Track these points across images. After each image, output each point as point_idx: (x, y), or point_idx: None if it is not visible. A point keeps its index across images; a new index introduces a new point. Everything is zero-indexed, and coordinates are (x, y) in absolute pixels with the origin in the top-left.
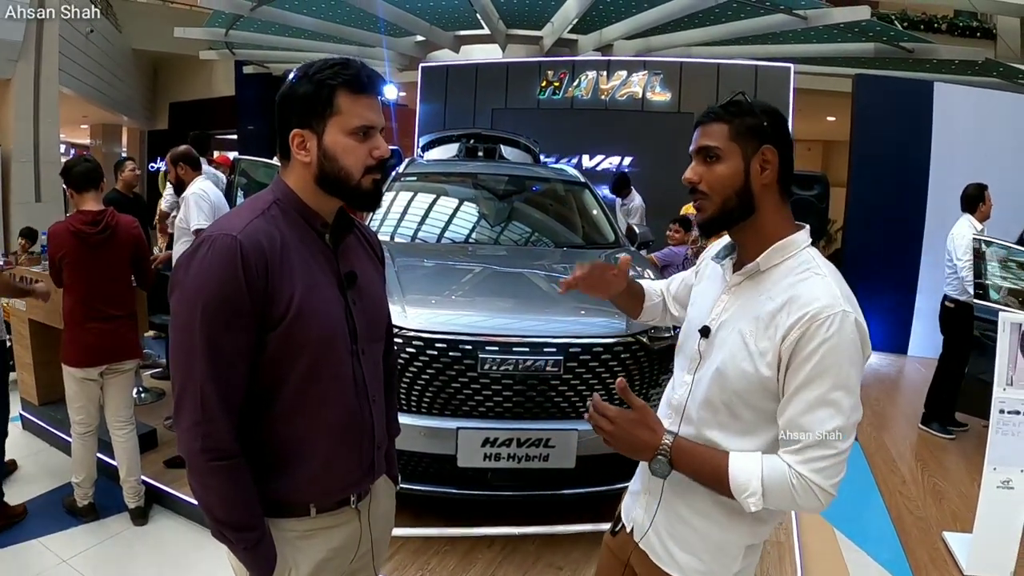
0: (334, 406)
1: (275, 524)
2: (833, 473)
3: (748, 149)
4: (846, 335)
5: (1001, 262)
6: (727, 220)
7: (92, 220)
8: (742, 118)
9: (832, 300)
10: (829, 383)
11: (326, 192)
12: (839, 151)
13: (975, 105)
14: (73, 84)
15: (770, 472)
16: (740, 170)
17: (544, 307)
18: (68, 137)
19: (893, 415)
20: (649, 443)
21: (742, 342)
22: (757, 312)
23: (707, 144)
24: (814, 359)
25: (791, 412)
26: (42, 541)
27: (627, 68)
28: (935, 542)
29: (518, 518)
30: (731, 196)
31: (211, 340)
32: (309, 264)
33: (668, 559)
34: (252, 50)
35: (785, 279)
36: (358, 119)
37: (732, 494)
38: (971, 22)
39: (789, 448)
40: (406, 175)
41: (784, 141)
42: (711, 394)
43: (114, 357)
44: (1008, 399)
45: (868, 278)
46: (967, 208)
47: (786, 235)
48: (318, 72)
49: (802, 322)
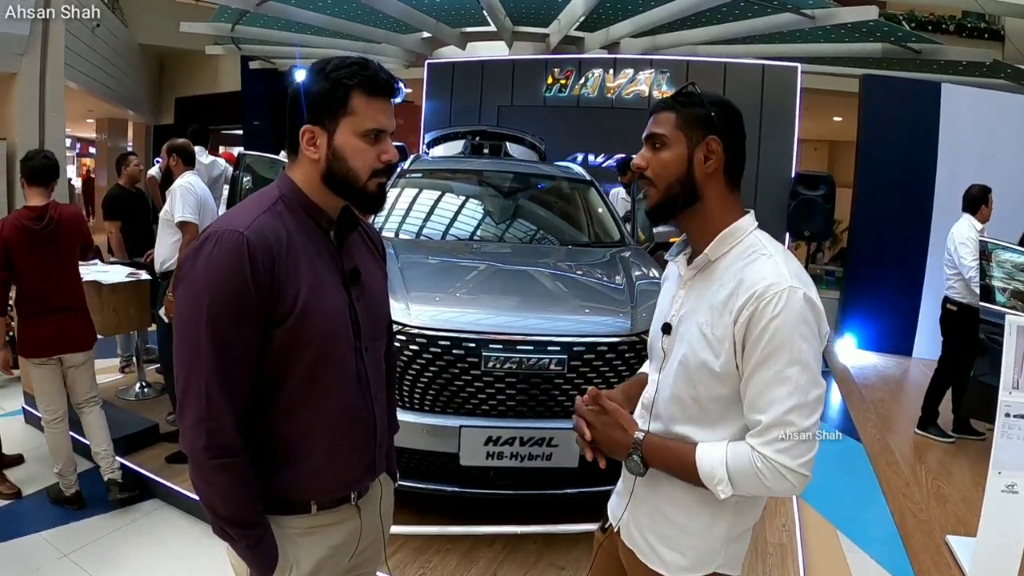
0: (337, 403)
1: (276, 521)
2: (799, 452)
3: (693, 138)
4: (794, 310)
5: (1006, 264)
6: (671, 207)
7: (37, 215)
8: (690, 108)
9: (778, 278)
10: (783, 360)
11: (332, 191)
12: (845, 151)
13: (982, 107)
14: (79, 78)
15: (734, 457)
16: (684, 158)
17: (548, 305)
18: (74, 131)
19: (897, 417)
20: (622, 442)
21: (700, 333)
22: (711, 302)
23: (654, 131)
24: (765, 337)
25: (750, 394)
26: (43, 535)
27: (634, 66)
28: (939, 545)
29: (520, 517)
30: (674, 183)
31: (217, 336)
32: (314, 261)
33: (652, 555)
34: (258, 45)
35: (734, 265)
36: (371, 122)
37: (703, 483)
38: (979, 23)
39: (752, 431)
40: (411, 172)
41: (733, 132)
42: (677, 389)
43: (68, 347)
44: (1014, 403)
45: (873, 279)
46: (969, 208)
47: (732, 223)
48: (335, 70)
49: (750, 302)
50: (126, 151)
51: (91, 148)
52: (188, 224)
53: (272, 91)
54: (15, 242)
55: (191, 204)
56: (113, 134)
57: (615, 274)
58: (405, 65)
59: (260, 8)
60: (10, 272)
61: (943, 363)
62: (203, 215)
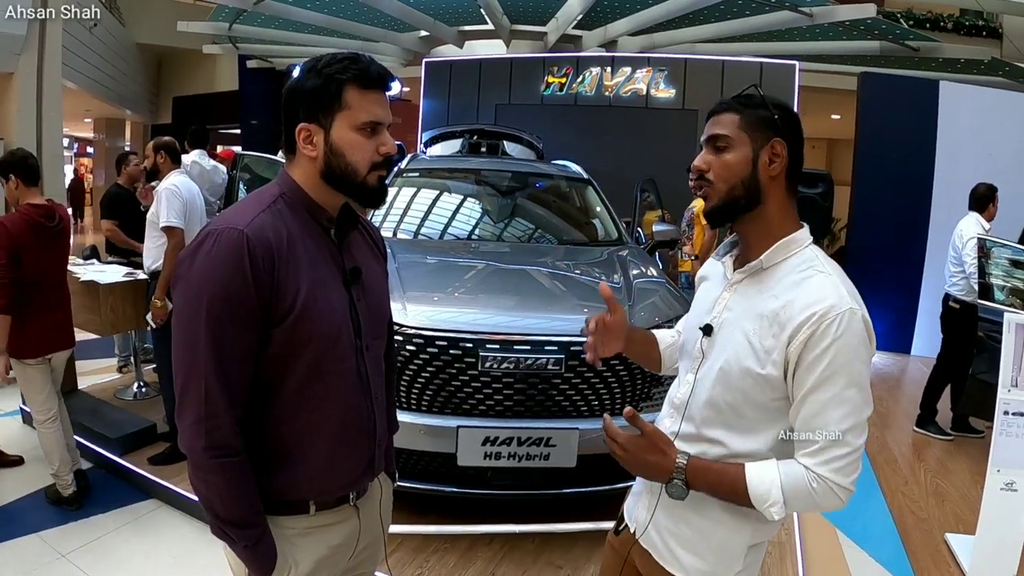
0: (337, 402)
1: (275, 522)
2: (851, 470)
3: (758, 140)
4: (855, 333)
5: (1006, 262)
6: (733, 209)
7: (46, 213)
8: (754, 109)
9: (839, 299)
10: (842, 382)
11: (332, 187)
12: (844, 149)
13: (980, 104)
14: (76, 78)
15: (789, 479)
16: (748, 160)
17: (546, 305)
18: (71, 131)
19: (896, 415)
20: (662, 466)
21: (746, 341)
22: (761, 310)
23: (717, 132)
24: (825, 359)
25: (805, 413)
26: (41, 535)
27: (631, 64)
28: (937, 543)
29: (518, 516)
30: (737, 185)
31: (216, 336)
32: (315, 259)
33: (671, 558)
34: (256, 45)
35: (788, 277)
36: (366, 115)
37: (753, 505)
38: (977, 21)
39: (805, 450)
40: (409, 171)
41: (795, 137)
42: (715, 394)
43: (61, 345)
44: (1013, 400)
45: (872, 277)
46: (975, 207)
47: (791, 232)
48: (327, 66)
49: (811, 322)
50: (126, 151)
51: (89, 148)
52: (173, 230)
53: (270, 90)
54: (25, 238)
55: (176, 208)
56: (111, 134)
57: (613, 273)
58: (403, 64)
59: (257, 7)
60: (18, 269)
61: (942, 360)
62: (190, 217)
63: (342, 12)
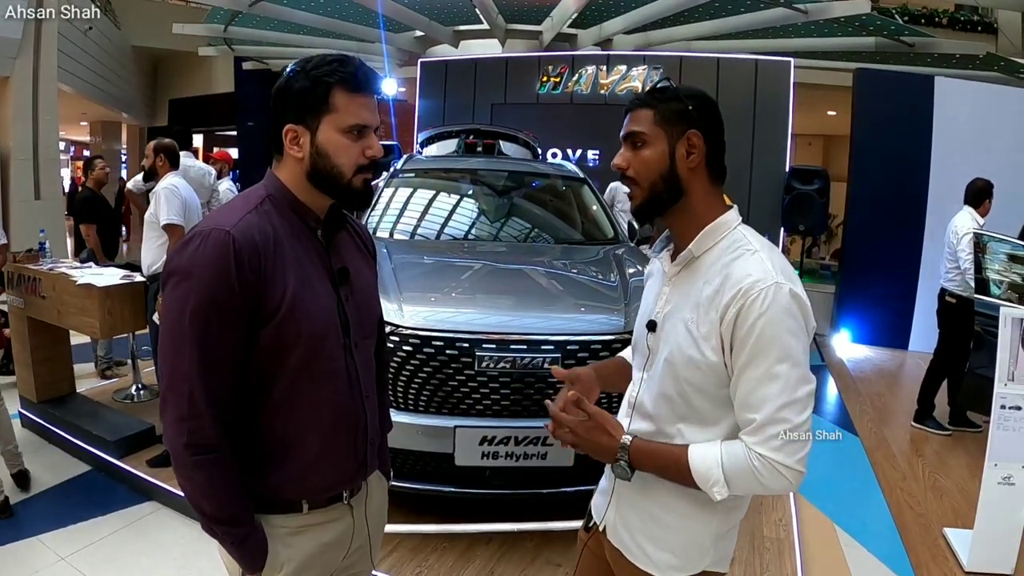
0: (327, 401)
1: (266, 520)
2: (794, 449)
3: (673, 133)
4: (781, 306)
5: (1003, 257)
6: (657, 205)
7: None
8: (667, 103)
9: (763, 274)
10: (772, 357)
11: (317, 189)
12: (840, 146)
13: (976, 99)
14: (72, 81)
15: (729, 458)
16: (665, 154)
17: (542, 304)
18: (67, 135)
19: (893, 410)
20: (608, 447)
21: (686, 330)
22: (697, 298)
23: (634, 130)
24: (753, 335)
25: (741, 392)
26: (40, 539)
27: (627, 62)
28: (936, 538)
29: (516, 515)
30: (658, 180)
31: (201, 336)
32: (302, 259)
33: (642, 555)
34: (251, 46)
35: (719, 260)
36: (353, 118)
37: (699, 486)
38: (972, 16)
39: (745, 430)
40: (404, 171)
41: (712, 125)
42: (664, 387)
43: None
44: (1009, 395)
45: (869, 273)
46: (971, 201)
47: (717, 217)
48: (315, 68)
49: (736, 299)
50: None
51: (85, 151)
52: (175, 227)
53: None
54: None
55: (176, 207)
56: (107, 137)
57: (609, 272)
58: (398, 64)
59: (253, 8)
60: None
61: (939, 355)
62: (188, 217)
63: (337, 13)
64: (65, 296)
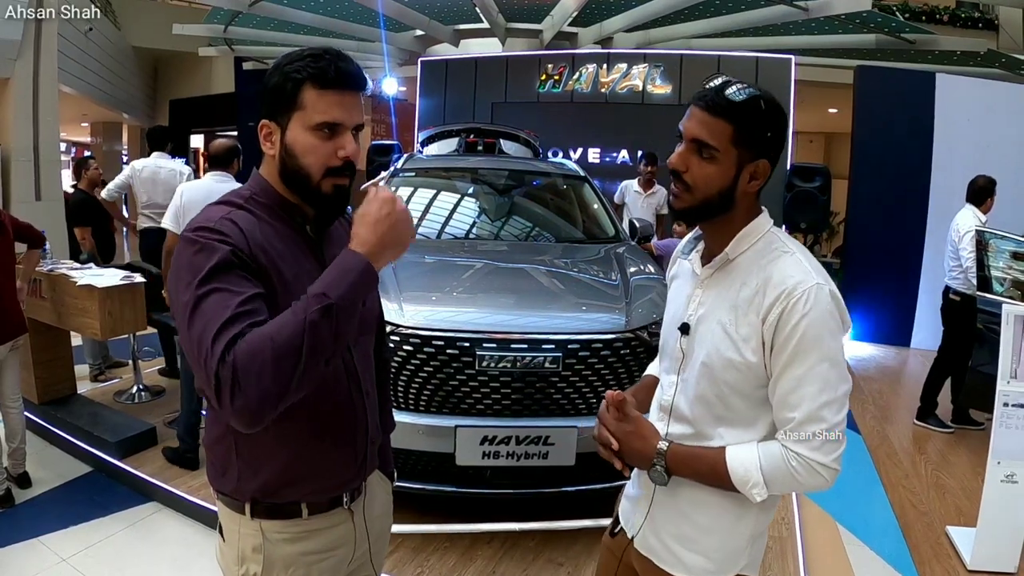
0: (326, 399)
1: (266, 527)
2: (831, 448)
3: (745, 156)
4: (823, 307)
5: (1006, 254)
6: (704, 214)
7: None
8: (750, 126)
9: (804, 275)
10: (814, 357)
11: (290, 189)
12: (841, 143)
13: (977, 96)
14: (73, 82)
15: (767, 458)
16: (731, 176)
17: (544, 303)
18: (68, 135)
19: (896, 408)
20: (644, 453)
21: (723, 332)
22: (733, 300)
23: (706, 141)
24: (796, 336)
25: (781, 391)
26: (42, 540)
27: (627, 61)
28: (938, 536)
29: (518, 515)
30: (714, 196)
31: (217, 288)
32: (294, 256)
33: (673, 560)
34: (251, 46)
35: (756, 263)
36: (320, 115)
37: (737, 489)
38: (973, 13)
39: (784, 428)
40: (405, 170)
41: (779, 151)
42: (701, 389)
43: (18, 332)
44: (1012, 392)
45: (870, 270)
46: (974, 199)
47: (751, 220)
48: (288, 64)
49: (779, 301)
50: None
51: (86, 152)
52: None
53: None
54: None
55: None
56: (108, 137)
57: (610, 270)
58: (399, 63)
59: (253, 8)
60: None
61: (942, 353)
62: (185, 219)
63: (337, 12)
64: (66, 297)
